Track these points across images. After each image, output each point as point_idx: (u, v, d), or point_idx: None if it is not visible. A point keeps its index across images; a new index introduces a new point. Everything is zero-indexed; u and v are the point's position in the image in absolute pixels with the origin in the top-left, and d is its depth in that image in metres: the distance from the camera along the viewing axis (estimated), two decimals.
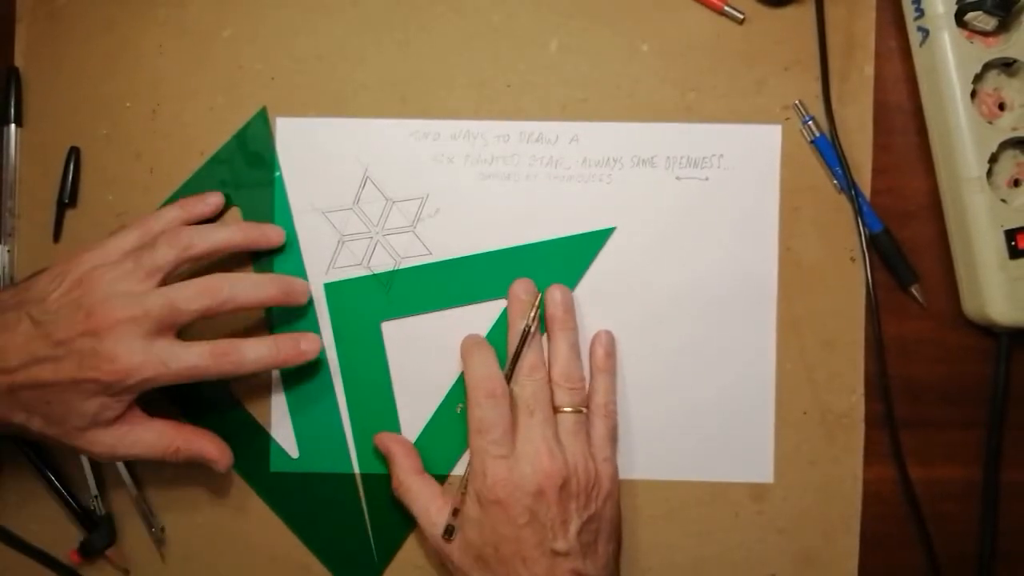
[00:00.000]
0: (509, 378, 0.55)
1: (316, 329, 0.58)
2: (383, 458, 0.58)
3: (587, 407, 0.56)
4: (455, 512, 0.54)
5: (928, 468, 0.58)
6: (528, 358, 0.55)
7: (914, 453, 0.57)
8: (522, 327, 0.55)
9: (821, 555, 0.58)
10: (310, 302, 0.58)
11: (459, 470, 0.58)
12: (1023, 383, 0.58)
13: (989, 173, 0.54)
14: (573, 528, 0.52)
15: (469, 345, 0.56)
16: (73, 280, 0.52)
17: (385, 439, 0.57)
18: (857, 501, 0.58)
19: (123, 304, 0.51)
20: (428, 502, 0.55)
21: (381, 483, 0.58)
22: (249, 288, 0.53)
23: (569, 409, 0.55)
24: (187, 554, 0.59)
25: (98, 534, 0.57)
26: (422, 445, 0.58)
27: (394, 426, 0.58)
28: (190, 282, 0.52)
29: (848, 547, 0.58)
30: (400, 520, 0.58)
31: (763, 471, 0.58)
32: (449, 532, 0.54)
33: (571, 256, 0.58)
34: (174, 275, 0.53)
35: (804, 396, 0.58)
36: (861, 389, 0.58)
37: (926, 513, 0.57)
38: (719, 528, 0.58)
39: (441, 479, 0.58)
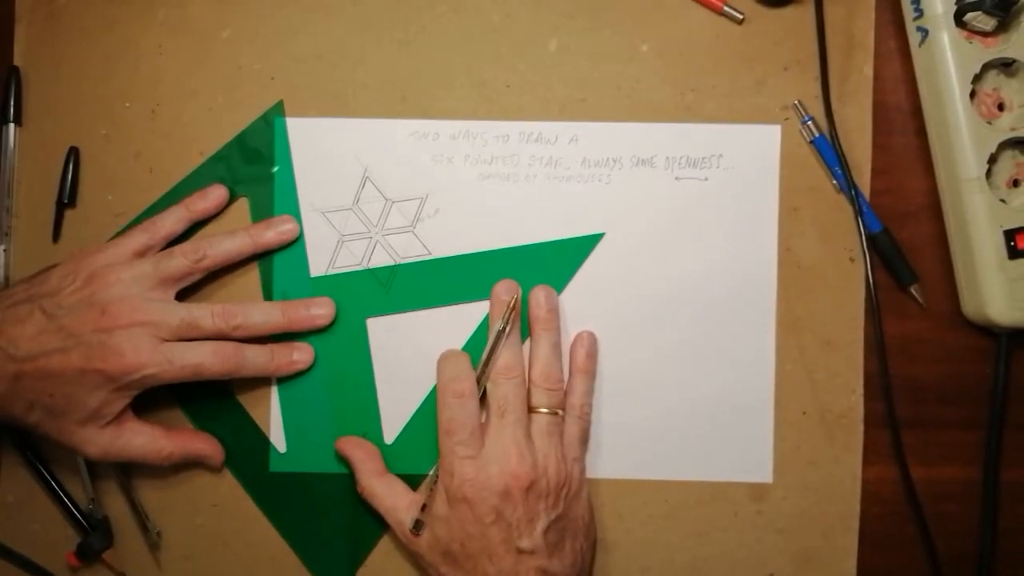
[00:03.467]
0: (483, 378, 0.55)
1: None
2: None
3: (563, 407, 0.56)
4: (423, 508, 0.54)
5: (927, 468, 0.58)
6: (503, 358, 0.55)
7: (913, 453, 0.57)
8: (498, 327, 0.55)
9: (820, 555, 0.58)
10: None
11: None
12: (1022, 383, 0.58)
13: (988, 173, 0.55)
14: (540, 527, 0.53)
15: (444, 354, 0.57)
16: (86, 277, 0.53)
17: (345, 444, 0.57)
18: (856, 501, 0.58)
19: (142, 307, 0.53)
20: (395, 501, 0.55)
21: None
22: (258, 317, 0.56)
23: (545, 410, 0.55)
24: (185, 555, 0.59)
25: (95, 537, 0.57)
26: (402, 443, 0.58)
27: (375, 423, 0.58)
28: (208, 305, 0.55)
29: (847, 547, 0.58)
30: (376, 520, 0.58)
31: (762, 471, 0.58)
32: (417, 527, 0.54)
33: (559, 260, 0.58)
34: (186, 282, 0.56)
35: (803, 396, 0.58)
36: (860, 389, 0.58)
37: (925, 513, 0.57)
38: (718, 528, 0.58)
39: (421, 478, 0.58)
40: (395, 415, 0.58)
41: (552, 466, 0.54)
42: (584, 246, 0.58)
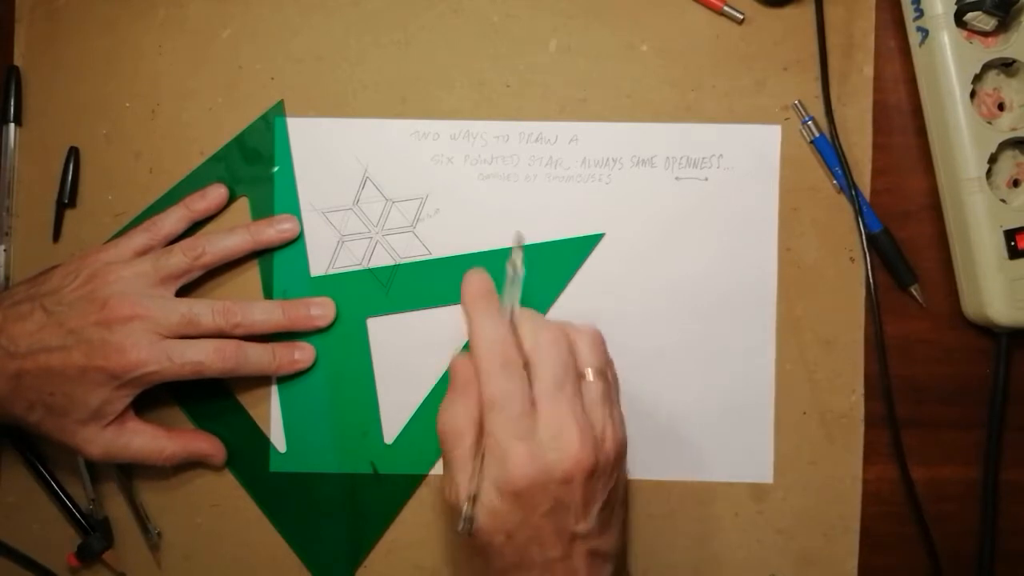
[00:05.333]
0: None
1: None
2: (361, 456, 0.58)
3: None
4: (473, 499, 0.47)
5: (927, 468, 0.58)
6: (528, 318, 0.48)
7: (913, 453, 0.57)
8: (510, 294, 0.49)
9: (821, 555, 0.58)
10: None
11: (438, 469, 0.58)
12: (1022, 383, 0.58)
13: (988, 173, 0.55)
14: (595, 508, 0.47)
15: (475, 295, 0.49)
16: (88, 275, 0.53)
17: (468, 369, 0.49)
18: (856, 501, 0.58)
19: (142, 302, 0.53)
20: (472, 472, 0.47)
21: (358, 481, 0.58)
22: (259, 315, 0.56)
23: (593, 372, 0.49)
24: (185, 555, 0.59)
25: (96, 538, 0.57)
26: (402, 443, 0.58)
27: (375, 424, 0.58)
28: (209, 302, 0.55)
29: (848, 547, 0.58)
30: (376, 519, 0.58)
31: (763, 471, 0.58)
32: (469, 524, 0.47)
33: (559, 260, 0.58)
34: (186, 279, 0.56)
35: (804, 396, 0.58)
36: (861, 389, 0.58)
37: (925, 513, 0.57)
38: (719, 528, 0.58)
39: (419, 479, 0.58)
40: (395, 415, 0.58)
41: (610, 440, 0.48)
42: (584, 246, 0.58)
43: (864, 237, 0.57)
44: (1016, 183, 0.56)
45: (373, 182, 0.58)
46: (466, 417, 0.48)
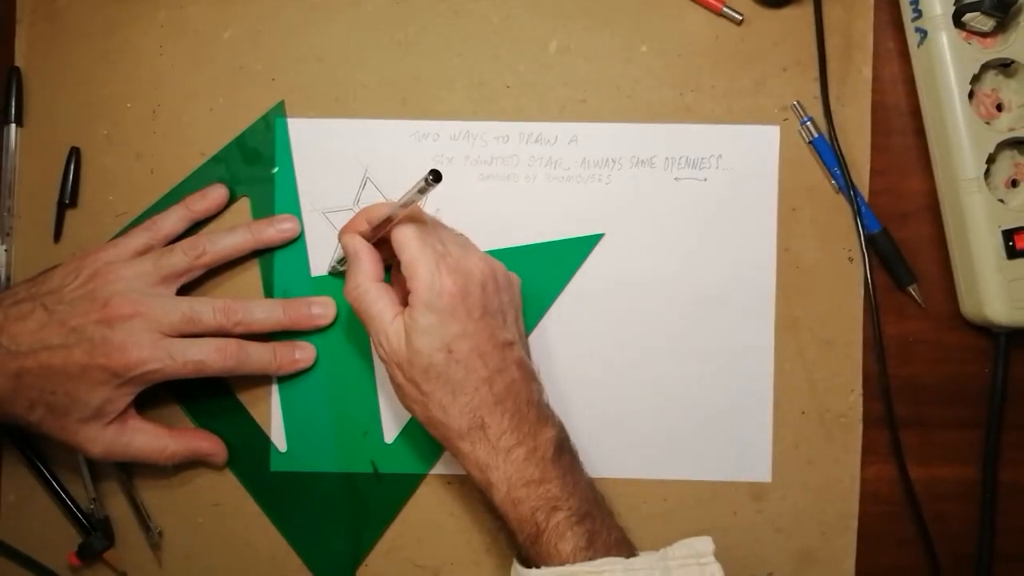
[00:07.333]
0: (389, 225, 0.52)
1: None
2: (362, 455, 0.58)
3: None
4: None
5: (926, 468, 0.58)
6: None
7: (912, 453, 0.57)
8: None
9: (819, 554, 0.58)
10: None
11: (438, 470, 0.58)
12: (1021, 383, 0.58)
13: (987, 174, 0.55)
14: (511, 318, 0.53)
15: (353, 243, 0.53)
16: (89, 274, 0.54)
17: (354, 240, 0.54)
18: (855, 500, 0.58)
19: (143, 301, 0.53)
20: (386, 308, 0.52)
21: (358, 481, 0.58)
22: (260, 314, 0.56)
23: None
24: (186, 554, 0.59)
25: (96, 537, 0.58)
26: (402, 442, 0.58)
27: (375, 423, 0.58)
28: (210, 300, 0.55)
29: (846, 546, 0.58)
30: (376, 518, 0.58)
31: (761, 470, 0.58)
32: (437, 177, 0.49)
33: (559, 260, 0.58)
34: (187, 279, 0.56)
35: (802, 396, 0.58)
36: (859, 389, 0.58)
37: (924, 512, 0.57)
38: (718, 527, 0.58)
39: (420, 478, 0.58)
40: (395, 415, 0.58)
41: (488, 259, 0.54)
42: (584, 246, 0.58)
43: (863, 237, 0.57)
44: (1014, 183, 0.56)
45: (373, 182, 0.59)
46: (366, 278, 0.53)
